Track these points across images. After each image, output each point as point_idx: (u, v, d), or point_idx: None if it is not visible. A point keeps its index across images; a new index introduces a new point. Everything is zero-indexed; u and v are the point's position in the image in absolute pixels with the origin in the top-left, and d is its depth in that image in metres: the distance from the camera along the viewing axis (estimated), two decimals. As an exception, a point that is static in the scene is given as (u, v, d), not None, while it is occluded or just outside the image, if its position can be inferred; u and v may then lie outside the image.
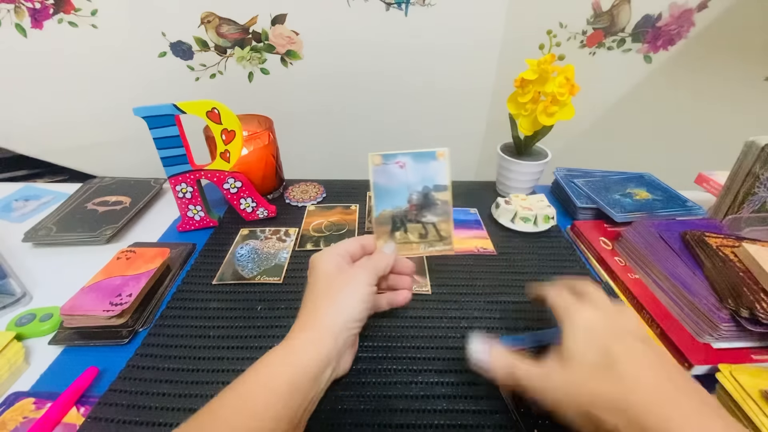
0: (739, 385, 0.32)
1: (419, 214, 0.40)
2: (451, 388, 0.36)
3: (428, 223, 0.40)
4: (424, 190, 0.40)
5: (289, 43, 0.96)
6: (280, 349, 0.30)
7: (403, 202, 0.40)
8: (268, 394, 0.27)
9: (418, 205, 0.39)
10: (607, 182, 0.63)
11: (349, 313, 0.32)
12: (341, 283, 0.33)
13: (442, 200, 0.40)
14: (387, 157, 0.39)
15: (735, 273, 0.39)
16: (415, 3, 0.92)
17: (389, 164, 0.39)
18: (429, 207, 0.40)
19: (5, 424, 0.32)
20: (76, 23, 0.88)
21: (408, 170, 0.39)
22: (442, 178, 0.39)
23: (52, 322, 0.41)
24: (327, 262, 0.35)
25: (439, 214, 0.40)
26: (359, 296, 0.33)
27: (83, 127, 1.00)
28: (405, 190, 0.39)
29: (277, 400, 0.27)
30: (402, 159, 0.39)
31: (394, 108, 1.08)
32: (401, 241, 0.40)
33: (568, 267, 0.51)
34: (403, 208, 0.40)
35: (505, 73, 1.00)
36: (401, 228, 0.40)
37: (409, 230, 0.40)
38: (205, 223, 0.58)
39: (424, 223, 0.40)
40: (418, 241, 0.40)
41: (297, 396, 0.28)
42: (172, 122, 0.49)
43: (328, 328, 0.31)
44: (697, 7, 0.92)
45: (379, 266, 0.36)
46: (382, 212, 0.40)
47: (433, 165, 0.39)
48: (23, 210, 0.63)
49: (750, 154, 0.51)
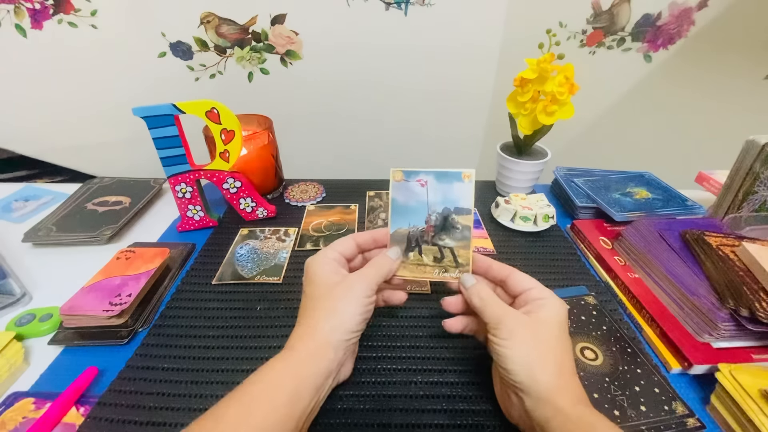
0: (739, 384, 0.32)
1: (437, 236, 0.37)
2: (451, 388, 0.36)
3: (445, 247, 0.38)
4: (445, 212, 0.37)
5: (289, 43, 0.96)
6: (282, 361, 0.30)
7: (421, 222, 0.37)
8: (271, 405, 0.27)
9: (437, 227, 0.37)
10: (607, 181, 0.63)
11: (348, 326, 0.32)
12: (339, 294, 0.32)
13: (464, 225, 0.37)
14: (409, 174, 0.37)
15: (735, 272, 0.39)
16: (414, 3, 0.92)
17: (410, 181, 0.37)
18: (448, 230, 0.37)
19: (5, 424, 0.32)
20: (76, 23, 0.88)
21: (430, 189, 0.37)
22: (465, 202, 0.37)
23: (51, 322, 0.41)
24: (323, 269, 0.34)
25: (458, 239, 0.37)
26: (358, 308, 0.32)
27: (83, 127, 1.00)
28: (424, 210, 0.37)
29: (280, 412, 0.27)
30: (424, 177, 0.37)
31: (394, 108, 1.08)
32: (414, 263, 0.38)
33: (567, 266, 0.51)
34: (420, 228, 0.38)
35: (504, 73, 1.00)
36: (416, 249, 0.38)
37: (424, 252, 0.38)
38: (204, 223, 0.58)
39: (440, 247, 0.38)
40: (432, 264, 0.38)
41: (299, 407, 0.28)
42: (172, 122, 0.49)
43: (328, 341, 0.31)
44: (697, 6, 0.92)
45: (380, 273, 0.34)
46: (397, 230, 0.38)
47: (457, 186, 0.37)
48: (23, 210, 0.63)
49: (750, 152, 0.51)
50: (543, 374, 0.28)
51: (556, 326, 0.30)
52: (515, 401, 0.30)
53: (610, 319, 0.41)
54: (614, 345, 0.38)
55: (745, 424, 0.31)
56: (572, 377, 0.29)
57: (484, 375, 0.36)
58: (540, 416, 0.27)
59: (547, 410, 0.27)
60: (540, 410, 0.27)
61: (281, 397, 0.27)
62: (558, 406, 0.27)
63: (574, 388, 0.28)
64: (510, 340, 0.29)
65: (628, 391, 0.34)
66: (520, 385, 0.28)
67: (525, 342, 0.29)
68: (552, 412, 0.27)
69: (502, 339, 0.29)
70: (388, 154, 1.14)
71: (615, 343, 0.39)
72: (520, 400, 0.29)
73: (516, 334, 0.29)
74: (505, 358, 0.29)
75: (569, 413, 0.26)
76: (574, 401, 0.27)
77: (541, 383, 0.28)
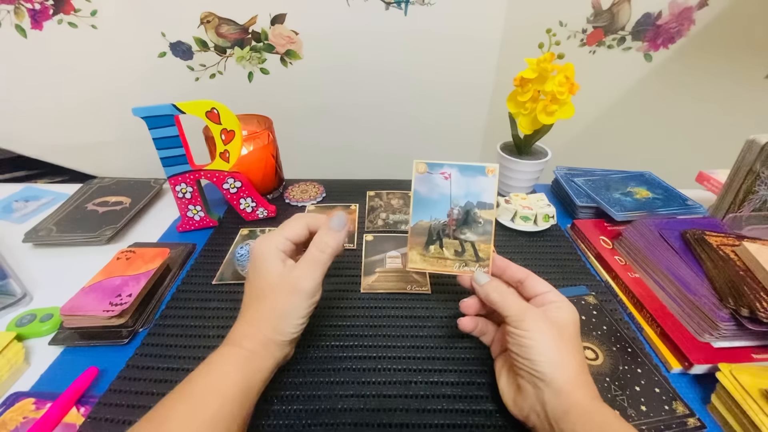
0: (739, 384, 0.32)
1: (458, 230, 0.37)
2: (451, 388, 0.35)
3: (466, 242, 0.37)
4: (467, 206, 0.37)
5: (289, 42, 0.96)
6: (229, 357, 0.30)
7: (443, 215, 0.37)
8: (221, 400, 0.27)
9: (458, 220, 0.37)
10: (608, 181, 0.63)
11: (297, 318, 0.32)
12: (282, 295, 0.32)
13: (486, 219, 0.37)
14: (432, 166, 0.37)
15: (735, 272, 0.39)
16: (414, 2, 0.92)
17: (434, 174, 0.37)
18: (469, 224, 0.37)
19: (5, 424, 0.32)
20: (76, 24, 0.88)
21: (453, 182, 0.37)
22: (488, 196, 0.37)
23: (52, 322, 0.41)
24: (270, 260, 0.32)
25: (480, 233, 0.37)
26: (302, 310, 0.32)
27: (83, 127, 1.00)
28: (446, 203, 0.37)
29: (230, 406, 0.27)
30: (448, 170, 0.37)
31: (394, 108, 1.08)
32: (435, 256, 0.38)
33: (568, 266, 0.51)
34: (441, 221, 0.37)
35: (504, 72, 1.00)
36: (437, 242, 0.38)
37: (445, 245, 0.38)
38: (204, 223, 0.58)
39: (462, 240, 0.38)
40: (453, 258, 0.38)
41: (249, 399, 0.29)
42: (172, 122, 0.49)
43: (274, 340, 0.31)
44: (698, 5, 0.91)
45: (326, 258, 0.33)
46: (418, 222, 0.38)
47: (480, 180, 0.37)
48: (24, 211, 0.63)
49: (750, 152, 0.51)
50: (565, 367, 0.29)
51: (572, 327, 0.31)
52: (531, 393, 0.30)
53: (611, 319, 0.41)
54: (614, 345, 0.38)
55: (745, 424, 0.31)
56: (588, 376, 0.30)
57: (484, 375, 0.36)
58: (557, 408, 0.28)
59: (565, 402, 0.28)
60: (558, 402, 0.28)
61: (233, 393, 0.28)
62: (576, 399, 0.27)
63: (591, 385, 0.29)
64: (535, 332, 0.30)
65: (629, 390, 0.34)
66: (542, 375, 0.29)
67: (550, 334, 0.30)
68: (570, 405, 0.27)
69: (526, 330, 0.30)
70: (388, 155, 1.14)
71: (615, 342, 0.39)
72: (538, 392, 0.29)
73: (540, 327, 0.30)
74: (530, 349, 0.29)
75: (587, 406, 0.27)
76: (591, 396, 0.28)
77: (564, 375, 0.28)
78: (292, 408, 0.34)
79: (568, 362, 0.29)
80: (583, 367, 0.30)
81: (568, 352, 0.30)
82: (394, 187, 0.67)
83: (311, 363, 0.37)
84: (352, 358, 0.38)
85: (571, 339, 0.31)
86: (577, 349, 0.30)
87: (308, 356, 0.38)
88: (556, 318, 0.31)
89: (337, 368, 0.37)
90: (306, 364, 0.37)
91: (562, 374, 0.28)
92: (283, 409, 0.34)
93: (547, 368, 0.29)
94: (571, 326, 0.31)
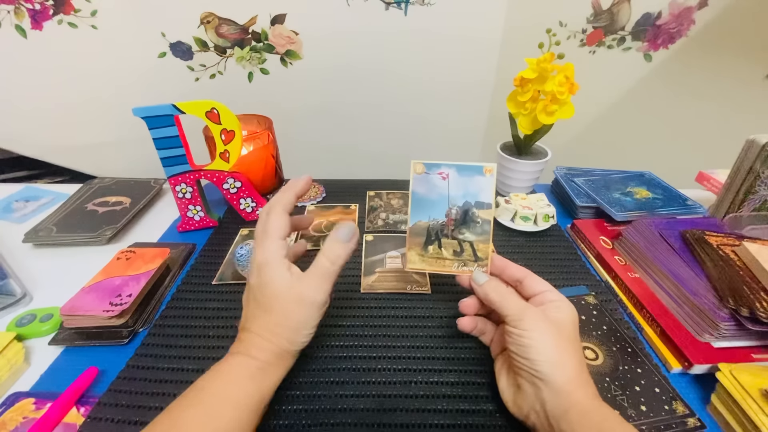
0: (739, 384, 0.32)
1: (457, 230, 0.37)
2: (451, 388, 0.35)
3: (465, 241, 0.38)
4: (465, 206, 0.37)
5: (289, 42, 0.96)
6: (243, 368, 0.30)
7: (441, 215, 0.37)
8: (236, 410, 0.28)
9: (457, 220, 0.37)
10: (608, 181, 0.63)
11: (309, 328, 0.32)
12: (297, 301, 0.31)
13: (484, 219, 0.37)
14: (430, 166, 0.37)
15: (735, 272, 0.39)
16: (414, 2, 0.92)
17: (431, 174, 0.37)
18: (468, 224, 0.37)
19: (5, 425, 0.32)
20: (76, 24, 0.88)
21: (451, 182, 0.37)
22: (486, 196, 0.37)
23: (52, 322, 0.41)
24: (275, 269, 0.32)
25: (479, 233, 0.37)
26: (318, 311, 0.32)
27: (83, 127, 1.00)
28: (444, 203, 0.37)
29: (245, 416, 0.28)
30: (446, 170, 0.37)
31: (394, 108, 1.08)
32: (434, 256, 0.38)
33: (568, 266, 0.51)
34: (439, 222, 0.38)
35: (504, 72, 1.00)
36: (435, 242, 0.38)
37: (444, 246, 0.38)
38: (204, 223, 0.58)
39: (460, 240, 0.38)
40: (452, 258, 0.38)
41: (260, 409, 0.30)
42: (172, 122, 0.49)
43: (291, 347, 0.32)
44: (697, 5, 0.92)
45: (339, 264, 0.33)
46: (417, 223, 0.38)
47: (478, 180, 0.37)
48: (23, 211, 0.63)
49: (750, 152, 0.51)
50: (564, 366, 0.29)
51: (571, 327, 0.31)
52: (530, 393, 0.30)
53: (611, 319, 0.41)
54: (614, 345, 0.38)
55: (745, 424, 0.31)
56: (588, 375, 0.30)
57: (483, 375, 0.36)
58: (557, 407, 0.28)
59: (565, 402, 0.28)
60: (558, 401, 0.28)
61: (247, 404, 0.28)
62: (576, 399, 0.28)
63: (591, 384, 0.29)
64: (534, 332, 0.30)
65: (629, 390, 0.34)
66: (541, 375, 0.29)
67: (549, 333, 0.30)
68: (569, 404, 0.27)
69: (525, 330, 0.30)
70: (388, 155, 1.14)
71: (615, 342, 0.39)
72: (537, 392, 0.29)
73: (540, 326, 0.30)
74: (529, 348, 0.29)
75: (586, 405, 0.27)
76: (591, 395, 0.28)
77: (563, 375, 0.28)
78: (292, 408, 0.34)
79: (567, 361, 0.29)
80: (583, 366, 0.30)
81: (568, 351, 0.30)
82: (394, 187, 0.67)
83: (311, 363, 0.37)
84: (352, 358, 0.38)
85: (571, 338, 0.31)
86: (577, 349, 0.30)
87: (308, 356, 0.38)
88: (556, 317, 0.31)
89: (337, 368, 0.37)
90: (306, 364, 0.37)
91: (561, 373, 0.28)
92: (283, 409, 0.33)
93: (547, 368, 0.29)
94: (571, 325, 0.31)
